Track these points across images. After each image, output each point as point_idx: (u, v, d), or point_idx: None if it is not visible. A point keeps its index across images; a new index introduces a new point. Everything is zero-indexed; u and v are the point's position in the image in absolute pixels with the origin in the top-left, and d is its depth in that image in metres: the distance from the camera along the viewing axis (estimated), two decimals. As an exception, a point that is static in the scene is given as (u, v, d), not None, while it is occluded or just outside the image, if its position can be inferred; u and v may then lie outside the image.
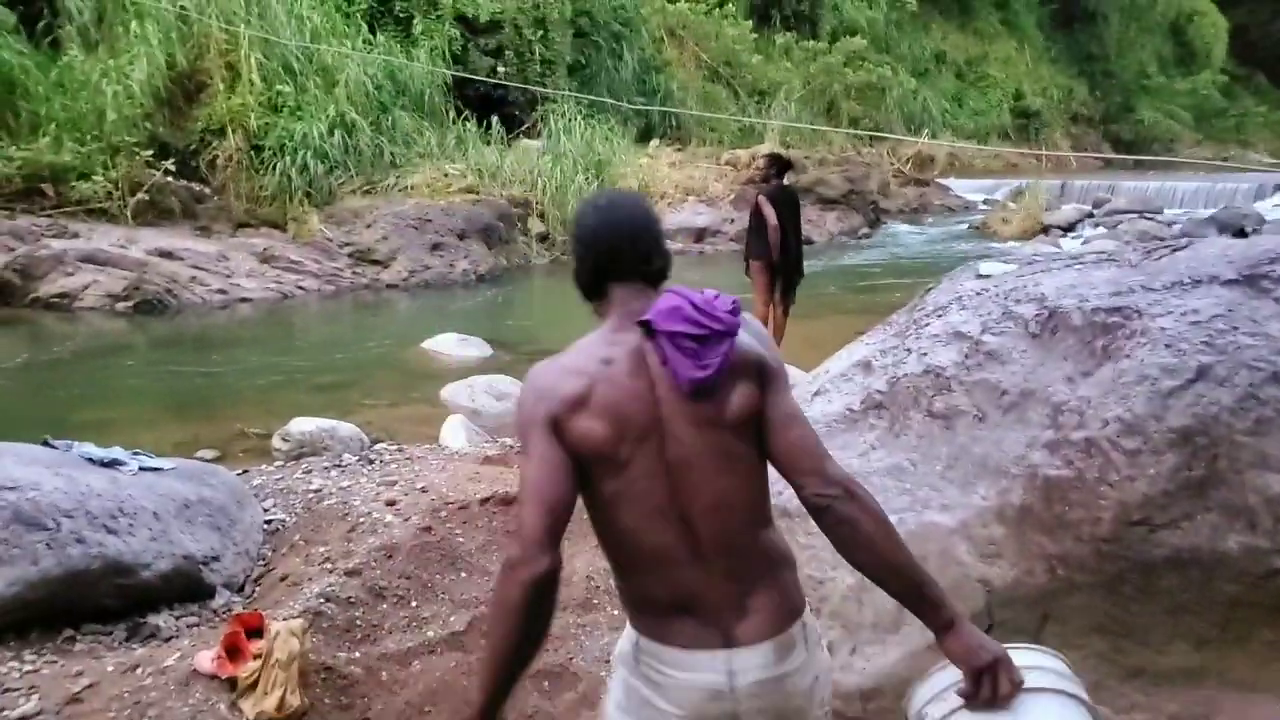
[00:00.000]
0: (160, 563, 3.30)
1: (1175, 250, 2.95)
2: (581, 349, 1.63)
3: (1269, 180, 19.56)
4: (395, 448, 5.53)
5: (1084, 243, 14.41)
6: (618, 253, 1.64)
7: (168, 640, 3.28)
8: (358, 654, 3.01)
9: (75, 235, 11.10)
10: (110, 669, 2.93)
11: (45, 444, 3.82)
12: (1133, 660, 2.42)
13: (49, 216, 11.20)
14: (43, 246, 10.61)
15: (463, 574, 3.54)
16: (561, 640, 3.26)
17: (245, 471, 5.15)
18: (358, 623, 3.17)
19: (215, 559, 3.53)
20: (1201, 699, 2.36)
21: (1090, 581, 2.38)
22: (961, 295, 3.36)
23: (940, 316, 3.26)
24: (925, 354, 3.05)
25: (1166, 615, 2.36)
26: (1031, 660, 1.59)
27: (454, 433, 5.61)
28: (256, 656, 2.77)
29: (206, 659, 2.84)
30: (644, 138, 18.42)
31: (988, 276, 3.64)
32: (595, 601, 3.54)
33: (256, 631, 2.92)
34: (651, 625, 1.63)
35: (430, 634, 3.18)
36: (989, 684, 1.48)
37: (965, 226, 19.02)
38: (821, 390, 3.36)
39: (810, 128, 20.22)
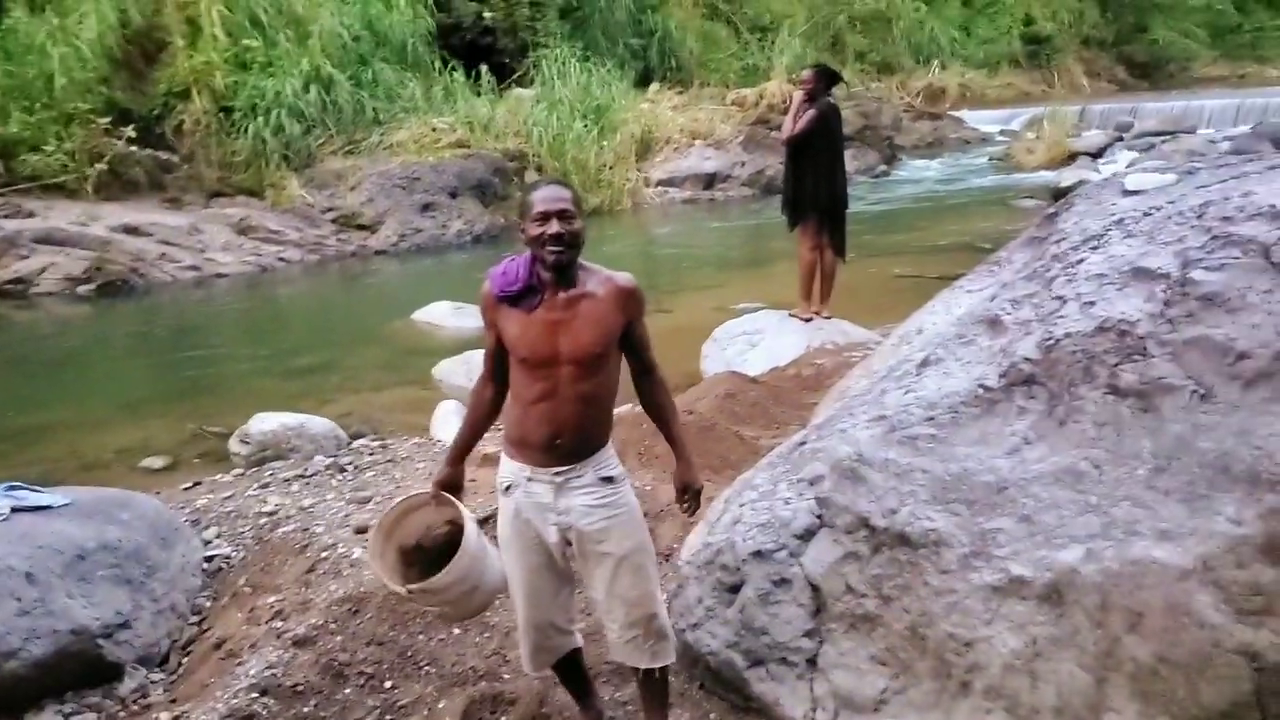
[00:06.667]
0: (34, 645, 2.41)
1: None
2: None
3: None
4: (377, 443, 4.65)
5: (1128, 165, 13.30)
6: None
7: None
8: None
9: (30, 214, 10.16)
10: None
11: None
12: None
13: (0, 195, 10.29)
14: (-6, 228, 9.73)
15: (455, 630, 2.63)
16: None
17: (197, 484, 4.29)
18: (305, 725, 2.28)
19: (123, 626, 2.63)
20: None
21: None
22: (1121, 217, 2.41)
23: (1097, 249, 2.32)
24: (1092, 303, 2.12)
25: None
26: None
27: (446, 422, 4.70)
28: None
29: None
30: (643, 81, 17.27)
31: (1139, 192, 2.71)
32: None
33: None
34: None
35: (410, 736, 2.28)
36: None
37: (986, 159, 17.89)
38: (933, 359, 2.43)
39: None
